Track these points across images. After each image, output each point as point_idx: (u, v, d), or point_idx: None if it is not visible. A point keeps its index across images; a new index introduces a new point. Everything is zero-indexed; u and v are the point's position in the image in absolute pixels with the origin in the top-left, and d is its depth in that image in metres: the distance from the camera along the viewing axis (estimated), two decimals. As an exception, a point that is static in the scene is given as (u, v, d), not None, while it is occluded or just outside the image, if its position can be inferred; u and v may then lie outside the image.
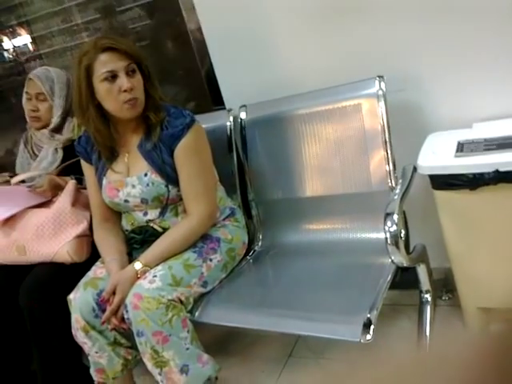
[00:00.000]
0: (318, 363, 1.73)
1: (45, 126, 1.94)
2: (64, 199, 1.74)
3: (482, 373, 0.24)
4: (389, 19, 1.65)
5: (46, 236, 1.71)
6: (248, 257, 1.78)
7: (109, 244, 1.62)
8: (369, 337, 1.22)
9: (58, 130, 1.94)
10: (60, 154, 1.91)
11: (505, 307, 1.56)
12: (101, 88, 1.48)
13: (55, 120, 1.92)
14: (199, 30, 2.04)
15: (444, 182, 1.44)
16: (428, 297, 1.67)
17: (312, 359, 1.76)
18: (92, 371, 1.59)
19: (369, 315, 1.26)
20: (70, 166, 1.85)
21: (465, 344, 0.27)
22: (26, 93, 1.94)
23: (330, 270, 1.59)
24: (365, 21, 1.69)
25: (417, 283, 1.67)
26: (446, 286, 1.82)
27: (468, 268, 1.53)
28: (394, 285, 1.43)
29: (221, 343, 1.92)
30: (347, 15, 1.70)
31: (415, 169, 1.52)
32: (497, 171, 1.34)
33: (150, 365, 1.45)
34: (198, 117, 1.59)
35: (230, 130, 1.87)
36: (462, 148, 1.48)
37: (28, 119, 1.98)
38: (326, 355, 1.74)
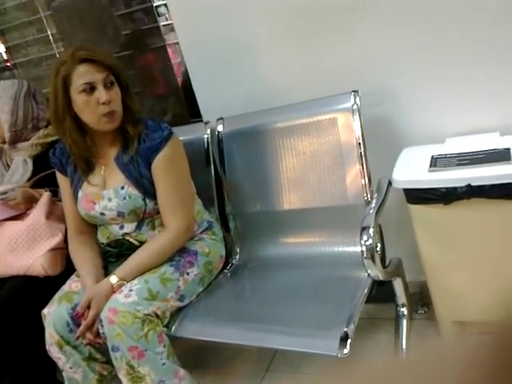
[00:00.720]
0: (295, 378, 1.73)
1: (3, 142, 1.90)
2: (38, 212, 1.72)
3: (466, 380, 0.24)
4: (364, 35, 1.68)
5: (19, 249, 1.68)
6: (225, 270, 1.77)
7: (84, 257, 1.60)
8: (346, 351, 1.23)
9: (13, 143, 1.88)
10: (30, 164, 1.87)
11: (479, 320, 1.59)
12: (78, 100, 1.47)
13: (6, 135, 1.86)
14: (177, 43, 2.05)
15: (418, 196, 1.46)
16: (404, 310, 1.69)
17: (289, 373, 1.75)
18: (65, 387, 1.56)
19: (346, 329, 1.27)
20: (44, 178, 1.82)
21: (443, 353, 0.27)
22: None
23: (308, 284, 1.59)
24: (341, 36, 1.71)
25: (393, 297, 1.69)
26: (421, 299, 1.85)
27: (443, 282, 1.56)
28: (370, 298, 1.44)
29: (197, 358, 1.90)
30: (324, 31, 1.72)
31: (390, 183, 1.55)
32: (469, 186, 1.37)
33: (125, 380, 1.43)
34: (174, 129, 1.58)
35: (208, 142, 1.87)
36: (435, 163, 1.51)
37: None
38: (303, 370, 1.74)
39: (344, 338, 1.25)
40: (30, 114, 1.87)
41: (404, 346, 1.63)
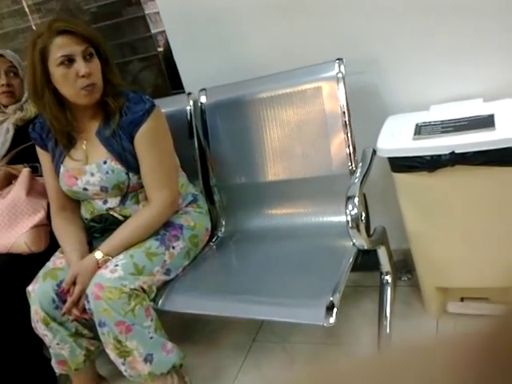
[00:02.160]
0: (283, 347, 1.75)
1: (14, 102, 1.87)
2: (18, 188, 1.69)
3: (463, 372, 0.23)
4: (348, 2, 1.65)
5: (0, 227, 1.66)
6: (211, 243, 1.77)
7: (68, 233, 1.58)
8: (332, 320, 1.24)
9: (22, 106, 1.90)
10: (11, 132, 1.84)
11: (462, 287, 1.61)
12: (57, 73, 1.43)
13: (27, 94, 1.85)
14: (157, 12, 2.00)
15: (403, 164, 1.46)
16: (388, 278, 1.71)
17: (276, 343, 1.77)
18: (53, 363, 1.57)
19: (331, 298, 1.28)
20: (23, 153, 1.78)
21: (442, 339, 0.27)
22: None
23: (293, 255, 1.60)
24: (324, 4, 1.68)
25: (377, 265, 1.70)
26: (405, 266, 1.87)
27: (426, 249, 1.57)
28: (355, 267, 1.45)
29: (185, 331, 1.91)
30: (306, -2, 1.69)
31: (375, 151, 1.54)
32: (453, 153, 1.37)
33: (113, 355, 1.43)
34: (156, 101, 1.55)
35: (191, 114, 1.85)
36: (419, 130, 1.50)
37: None
38: (290, 339, 1.76)
39: (330, 307, 1.26)
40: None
41: (388, 314, 1.65)
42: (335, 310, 1.26)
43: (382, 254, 1.65)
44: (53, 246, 1.64)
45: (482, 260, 1.50)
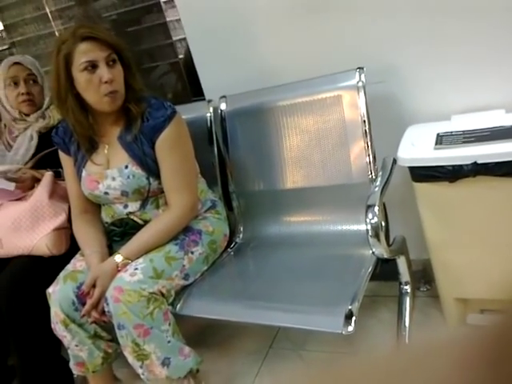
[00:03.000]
0: (299, 355, 1.74)
1: (37, 110, 1.90)
2: (41, 191, 1.71)
3: (473, 372, 0.23)
4: (370, 10, 1.66)
5: (23, 229, 1.68)
6: (229, 249, 1.78)
7: (88, 236, 1.60)
8: (350, 328, 1.24)
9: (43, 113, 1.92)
10: (35, 140, 1.87)
11: (482, 298, 1.60)
12: (80, 78, 1.45)
13: (48, 101, 1.88)
14: (178, 20, 2.02)
15: (423, 174, 1.46)
16: (407, 288, 1.70)
17: (293, 351, 1.77)
18: (72, 365, 1.58)
19: (350, 307, 1.27)
20: (46, 158, 1.81)
21: (451, 339, 0.26)
22: (11, 78, 1.85)
23: (311, 262, 1.59)
24: (345, 12, 1.69)
25: (396, 275, 1.69)
26: (424, 277, 1.85)
27: (446, 259, 1.56)
28: (373, 276, 1.44)
29: (202, 335, 1.92)
30: (328, 6, 1.70)
31: (395, 161, 1.54)
32: (475, 163, 1.36)
33: (130, 358, 1.44)
34: (177, 108, 1.57)
35: (210, 121, 1.86)
36: (441, 140, 1.49)
37: (17, 105, 1.88)
38: (306, 347, 1.76)
39: (349, 316, 1.25)
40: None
41: (407, 324, 1.64)
42: (354, 318, 1.25)
43: (402, 263, 1.64)
44: (73, 248, 1.66)
45: (502, 271, 1.48)
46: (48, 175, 1.74)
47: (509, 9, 1.51)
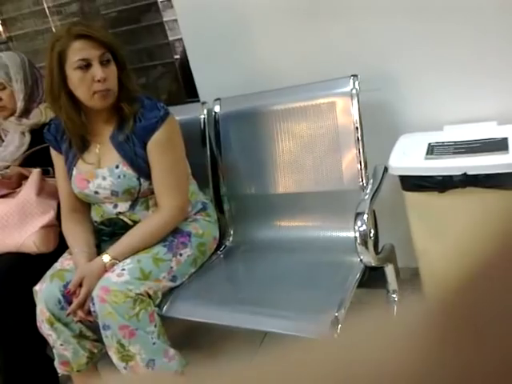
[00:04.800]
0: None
1: (12, 114, 1.88)
2: (29, 189, 1.70)
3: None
4: (365, 19, 1.66)
5: (10, 226, 1.67)
6: (219, 252, 1.77)
7: (77, 235, 1.59)
8: (336, 335, 1.23)
9: (25, 114, 1.87)
10: (28, 137, 1.85)
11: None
12: (73, 76, 1.45)
13: (20, 104, 1.85)
14: (175, 20, 2.02)
15: (414, 183, 1.46)
16: (395, 296, 1.70)
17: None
18: (56, 363, 1.57)
19: (336, 314, 1.27)
20: (36, 156, 1.80)
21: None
22: None
23: (300, 268, 1.59)
24: (341, 19, 1.69)
25: (384, 283, 1.69)
26: (412, 285, 1.86)
27: (435, 269, 1.56)
28: (361, 284, 1.44)
29: (188, 338, 1.91)
30: (324, 13, 1.70)
31: (386, 169, 1.54)
32: (465, 174, 1.37)
33: (115, 358, 1.43)
34: (171, 109, 1.56)
35: (204, 123, 1.86)
36: (432, 150, 1.50)
37: None
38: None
39: (334, 323, 1.26)
40: (40, 82, 1.87)
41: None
42: (340, 325, 1.25)
43: (390, 271, 1.65)
44: (61, 246, 1.65)
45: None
46: (36, 172, 1.73)
47: (504, 22, 1.51)
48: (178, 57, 2.30)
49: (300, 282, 1.52)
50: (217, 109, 1.85)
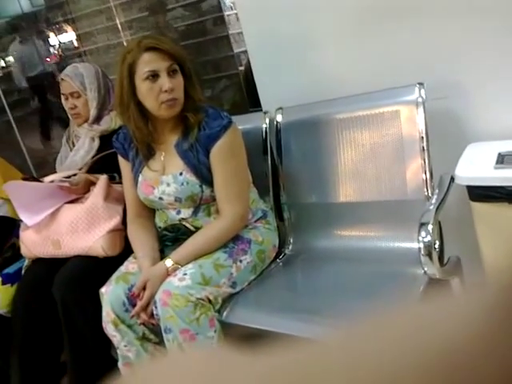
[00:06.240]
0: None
1: (86, 120, 1.99)
2: (96, 194, 1.77)
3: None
4: (432, 25, 1.62)
5: (79, 231, 1.75)
6: (278, 260, 1.77)
7: (141, 240, 1.64)
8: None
9: (96, 120, 1.98)
10: (96, 142, 1.96)
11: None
12: (142, 87, 1.51)
13: (93, 112, 1.96)
14: (240, 33, 2.06)
15: (482, 193, 1.41)
16: (460, 310, 1.63)
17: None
18: (120, 364, 1.61)
19: (398, 326, 1.24)
20: (102, 163, 1.88)
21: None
22: (62, 94, 1.99)
23: (360, 278, 1.57)
24: (406, 26, 1.66)
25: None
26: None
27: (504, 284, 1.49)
28: (425, 297, 1.40)
29: (245, 345, 1.91)
30: (388, 20, 1.68)
31: (453, 179, 1.49)
32: (538, 185, 1.30)
33: (176, 362, 1.46)
34: (234, 118, 1.59)
35: (266, 132, 1.88)
36: (502, 160, 1.44)
37: (70, 117, 2.03)
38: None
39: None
40: (111, 92, 1.97)
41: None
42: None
43: (456, 285, 1.59)
44: (127, 250, 1.71)
45: None
46: (103, 178, 1.80)
47: None
48: (242, 68, 2.34)
49: (359, 293, 1.49)
50: (279, 118, 1.86)
